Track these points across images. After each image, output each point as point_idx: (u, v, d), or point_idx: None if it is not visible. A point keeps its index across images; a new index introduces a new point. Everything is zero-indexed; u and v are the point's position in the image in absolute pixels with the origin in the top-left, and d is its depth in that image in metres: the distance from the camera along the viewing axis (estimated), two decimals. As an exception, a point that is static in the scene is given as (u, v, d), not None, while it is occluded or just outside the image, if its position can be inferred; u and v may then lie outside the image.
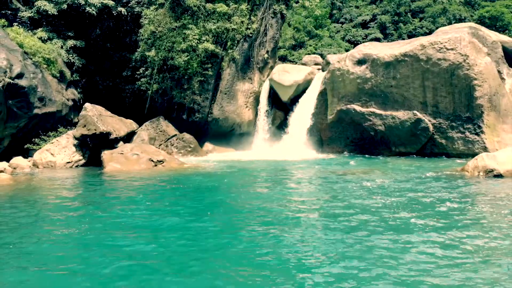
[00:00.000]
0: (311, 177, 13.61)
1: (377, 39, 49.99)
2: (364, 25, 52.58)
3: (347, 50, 46.91)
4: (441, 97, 19.04)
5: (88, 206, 9.70)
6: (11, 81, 17.20)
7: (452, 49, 18.68)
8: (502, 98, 19.00)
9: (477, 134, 18.53)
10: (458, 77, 18.58)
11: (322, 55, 43.95)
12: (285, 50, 43.09)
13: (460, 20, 51.05)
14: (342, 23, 54.24)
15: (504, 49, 22.29)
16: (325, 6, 52.52)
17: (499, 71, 20.91)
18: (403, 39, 49.54)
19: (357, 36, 50.54)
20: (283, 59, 42.46)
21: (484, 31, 22.40)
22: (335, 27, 52.58)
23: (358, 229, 7.38)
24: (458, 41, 18.71)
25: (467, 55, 18.45)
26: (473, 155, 18.43)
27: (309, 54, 44.09)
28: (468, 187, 11.30)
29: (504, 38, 22.76)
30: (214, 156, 20.32)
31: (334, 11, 55.02)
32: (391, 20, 50.78)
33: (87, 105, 17.47)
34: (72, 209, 9.39)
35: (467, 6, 54.82)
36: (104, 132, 16.57)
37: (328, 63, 25.56)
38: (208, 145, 21.87)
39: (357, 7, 56.75)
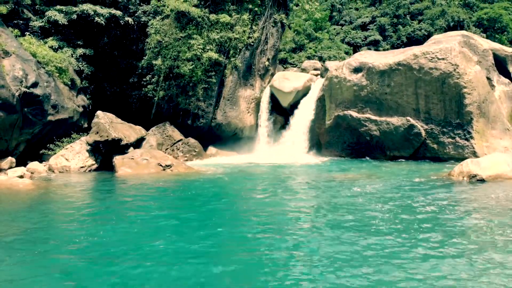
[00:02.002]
0: (309, 184, 14.58)
1: (376, 41, 51.04)
2: (363, 27, 53.55)
3: (346, 53, 48.03)
4: (433, 104, 20.07)
5: (108, 214, 10.75)
6: (27, 90, 18.29)
7: (443, 58, 19.71)
8: (491, 105, 20.03)
9: (466, 139, 19.58)
10: (449, 85, 19.61)
11: (321, 58, 45.03)
12: (285, 53, 44.07)
13: (459, 22, 52.00)
14: (342, 25, 55.21)
15: (496, 56, 23.33)
16: (325, 9, 53.49)
17: (489, 79, 21.94)
18: (402, 41, 50.60)
19: (356, 38, 51.53)
20: (284, 61, 43.49)
21: (477, 39, 23.43)
22: (334, 29, 53.54)
23: (348, 237, 8.44)
24: (448, 51, 19.73)
25: (457, 64, 19.48)
26: (463, 159, 19.44)
27: (309, 56, 45.14)
28: (450, 192, 12.36)
29: (495, 45, 23.76)
30: (218, 160, 21.41)
31: (334, 13, 55.99)
32: (390, 22, 51.73)
33: (99, 113, 18.55)
34: (92, 214, 10.48)
35: (465, 8, 55.70)
36: (116, 138, 17.66)
37: (326, 69, 26.62)
38: (211, 149, 22.96)
39: (356, 9, 57.71)
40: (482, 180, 13.92)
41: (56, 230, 9.08)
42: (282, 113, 24.50)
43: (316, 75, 28.71)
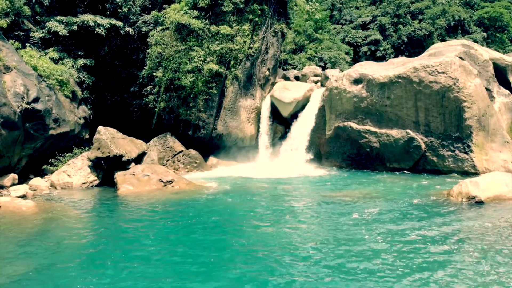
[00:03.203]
0: (309, 208, 14.48)
1: (377, 41, 50.94)
2: (364, 26, 53.43)
3: (346, 53, 47.99)
4: (432, 117, 20.16)
5: (112, 249, 10.85)
6: (28, 107, 18.37)
7: (443, 72, 19.75)
8: (490, 118, 20.10)
9: (466, 153, 19.69)
10: (449, 99, 19.68)
11: (322, 59, 45.01)
12: (285, 54, 44.01)
13: (460, 21, 51.87)
14: (342, 24, 55.09)
15: (496, 66, 23.39)
16: (325, 9, 53.31)
17: (489, 90, 22.01)
18: (403, 41, 50.51)
19: (357, 37, 51.46)
20: (284, 63, 43.47)
21: (477, 49, 23.46)
22: (335, 28, 53.42)
23: (339, 264, 8.60)
24: (448, 64, 19.77)
25: (457, 78, 19.53)
26: (463, 172, 19.72)
27: (309, 57, 45.12)
28: (448, 219, 12.50)
29: (495, 55, 23.79)
30: (218, 172, 21.52)
31: (335, 12, 55.81)
32: (390, 22, 51.59)
33: (100, 128, 18.64)
34: (96, 249, 10.64)
35: (466, 7, 55.52)
36: (117, 155, 17.78)
37: (326, 77, 26.69)
38: (212, 159, 23.09)
39: (357, 8, 57.51)
40: (481, 202, 14.05)
41: (59, 271, 9.22)
42: (282, 123, 24.59)
43: (316, 82, 28.80)
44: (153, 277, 8.60)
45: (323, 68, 44.02)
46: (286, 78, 35.33)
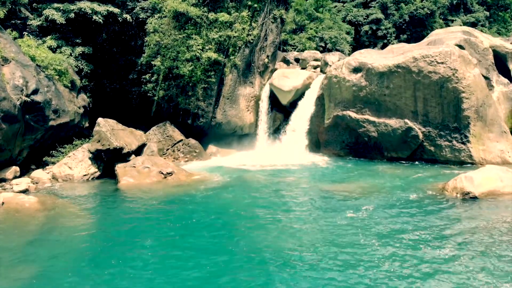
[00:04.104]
0: (306, 204, 14.74)
1: (378, 20, 50.21)
2: (365, 4, 52.56)
3: (347, 33, 47.43)
4: (431, 107, 20.22)
5: (116, 247, 11.17)
6: (28, 99, 18.43)
7: (442, 62, 19.68)
8: (489, 108, 20.16)
9: (463, 143, 19.84)
10: (447, 90, 19.69)
11: (322, 39, 44.55)
12: (285, 35, 43.51)
13: (462, 0, 50.99)
14: (344, 2, 54.19)
15: (496, 53, 23.29)
16: (327, -14, 52.32)
17: (488, 78, 21.99)
18: (405, 20, 49.78)
19: (358, 16, 50.69)
20: (284, 43, 43.02)
21: (478, 36, 23.31)
22: (335, 6, 52.60)
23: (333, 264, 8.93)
24: (448, 55, 19.68)
25: (456, 69, 19.47)
26: (460, 162, 19.95)
27: (310, 38, 44.63)
28: (443, 215, 12.81)
29: (496, 42, 23.63)
30: (218, 161, 21.75)
31: (336, -11, 54.78)
32: (392, 0, 50.72)
33: (100, 120, 18.75)
34: (101, 242, 10.97)
35: (469, -16, 54.42)
36: (118, 147, 17.96)
37: (326, 63, 26.56)
38: (212, 148, 23.28)
39: (359, -16, 56.38)
40: (475, 198, 14.31)
41: (63, 274, 9.54)
42: (281, 110, 24.65)
43: (316, 67, 28.63)
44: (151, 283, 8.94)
45: (324, 48, 43.64)
46: (286, 60, 35.13)
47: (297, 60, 34.85)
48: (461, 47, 21.89)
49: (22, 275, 9.46)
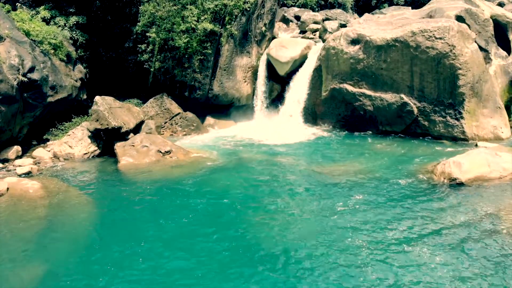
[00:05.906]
0: (297, 183, 15.45)
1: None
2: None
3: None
4: (427, 83, 20.25)
5: (120, 227, 11.95)
6: (25, 79, 18.52)
7: (440, 38, 19.46)
8: (485, 84, 20.19)
9: (457, 119, 20.09)
10: (444, 66, 19.62)
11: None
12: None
13: None
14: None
15: (497, 22, 22.92)
16: None
17: (486, 51, 21.81)
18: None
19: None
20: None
21: (480, 4, 22.79)
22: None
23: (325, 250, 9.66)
24: (447, 30, 19.41)
25: (454, 45, 19.29)
26: (452, 138, 20.32)
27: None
28: (429, 203, 13.46)
29: (497, 11, 23.16)
30: (215, 134, 22.15)
31: None
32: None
33: (97, 98, 18.91)
34: (104, 229, 11.70)
35: None
36: (116, 127, 18.29)
37: (325, 29, 26.15)
38: (209, 119, 23.55)
39: None
40: (461, 184, 14.84)
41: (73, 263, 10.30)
42: (279, 81, 24.62)
43: (315, 30, 28.16)
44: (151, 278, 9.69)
45: (326, 2, 42.47)
46: (285, 20, 34.42)
47: (297, 17, 34.07)
48: (461, 18, 21.51)
49: (29, 271, 10.21)
